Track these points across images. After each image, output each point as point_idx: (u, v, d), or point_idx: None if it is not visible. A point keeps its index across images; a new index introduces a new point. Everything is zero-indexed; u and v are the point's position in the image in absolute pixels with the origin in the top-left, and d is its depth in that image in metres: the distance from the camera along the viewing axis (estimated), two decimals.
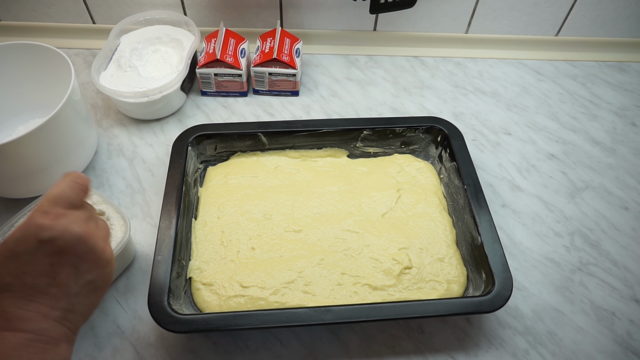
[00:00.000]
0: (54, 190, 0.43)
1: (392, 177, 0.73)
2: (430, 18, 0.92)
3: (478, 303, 0.56)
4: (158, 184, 0.74)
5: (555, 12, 0.91)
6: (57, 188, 0.43)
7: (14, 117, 0.76)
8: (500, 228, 0.70)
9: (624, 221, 0.73)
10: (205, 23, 0.93)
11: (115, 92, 0.76)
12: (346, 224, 0.67)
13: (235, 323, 0.54)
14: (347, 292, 0.60)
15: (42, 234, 0.40)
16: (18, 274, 0.39)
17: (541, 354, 0.60)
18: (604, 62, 0.96)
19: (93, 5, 0.91)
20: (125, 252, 0.62)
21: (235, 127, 0.73)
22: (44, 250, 0.40)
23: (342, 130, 0.74)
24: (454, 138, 0.72)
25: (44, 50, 0.70)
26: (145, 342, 0.59)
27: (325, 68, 0.93)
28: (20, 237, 0.40)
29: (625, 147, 0.82)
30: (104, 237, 0.45)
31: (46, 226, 0.40)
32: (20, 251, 0.39)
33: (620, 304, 0.64)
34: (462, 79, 0.92)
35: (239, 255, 0.63)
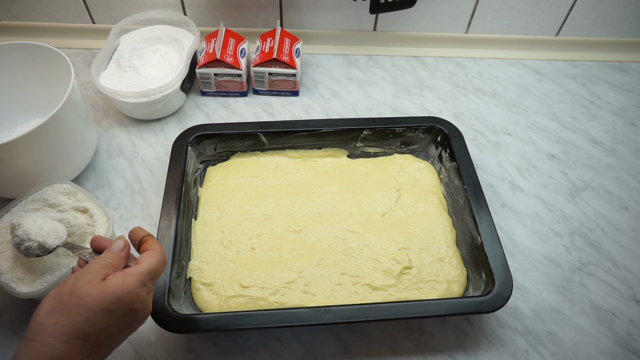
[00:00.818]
0: (152, 263, 0.46)
1: (392, 177, 0.73)
2: (430, 18, 0.92)
3: (478, 303, 0.56)
4: (158, 184, 0.74)
5: (555, 12, 0.91)
6: (154, 262, 0.47)
7: (14, 117, 0.76)
8: (500, 228, 0.70)
9: (624, 221, 0.73)
10: (205, 23, 0.93)
11: (115, 92, 0.76)
12: (346, 224, 0.67)
13: (235, 323, 0.54)
14: (347, 292, 0.60)
15: (136, 304, 0.44)
16: (100, 328, 0.42)
17: (541, 354, 0.60)
18: (604, 62, 0.96)
19: (93, 5, 0.91)
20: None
21: (235, 127, 0.73)
22: (128, 317, 0.44)
23: (342, 130, 0.74)
24: (454, 138, 0.72)
25: (44, 50, 0.70)
26: (145, 342, 0.59)
27: (325, 68, 0.93)
28: (119, 297, 0.43)
29: (625, 147, 0.82)
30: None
31: (142, 299, 0.45)
32: (114, 310, 0.42)
33: (620, 304, 0.64)
34: (462, 79, 0.92)
35: (239, 255, 0.63)
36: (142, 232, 0.50)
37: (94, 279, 0.43)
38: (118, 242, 0.49)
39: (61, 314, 0.41)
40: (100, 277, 0.44)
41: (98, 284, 0.43)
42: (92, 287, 0.42)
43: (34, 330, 0.41)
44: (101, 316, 0.42)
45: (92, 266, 0.45)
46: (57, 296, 0.42)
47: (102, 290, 0.42)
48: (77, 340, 0.41)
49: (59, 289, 0.43)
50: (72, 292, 0.42)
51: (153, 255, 0.47)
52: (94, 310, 0.41)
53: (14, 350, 0.58)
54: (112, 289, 0.43)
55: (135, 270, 0.45)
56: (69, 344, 0.40)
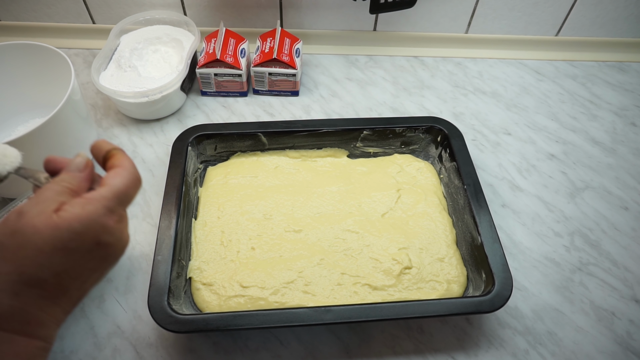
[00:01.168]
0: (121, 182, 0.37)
1: (392, 177, 0.73)
2: (430, 18, 0.92)
3: (478, 303, 0.56)
4: (158, 184, 0.74)
5: (555, 12, 0.91)
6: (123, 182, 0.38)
7: (14, 117, 0.76)
8: (500, 228, 0.70)
9: (624, 221, 0.73)
10: (205, 23, 0.93)
11: (115, 92, 0.76)
12: (346, 224, 0.67)
13: (235, 323, 0.54)
14: (347, 292, 0.60)
15: (103, 237, 0.35)
16: (58, 271, 0.34)
17: (541, 354, 0.60)
18: (604, 62, 0.96)
19: (93, 5, 0.91)
20: None
21: (235, 127, 0.73)
22: (96, 253, 0.35)
23: (342, 130, 0.74)
24: (454, 138, 0.72)
25: (44, 50, 0.70)
26: (145, 342, 0.59)
27: (325, 68, 0.93)
28: (78, 232, 0.34)
29: (625, 147, 0.82)
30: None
31: (110, 229, 0.36)
32: (73, 248, 0.34)
33: (620, 304, 0.64)
34: (462, 79, 0.92)
35: (239, 255, 0.63)
36: (107, 145, 0.41)
37: (44, 211, 0.34)
38: (77, 160, 0.39)
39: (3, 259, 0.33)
40: (52, 208, 0.34)
41: (49, 217, 0.33)
42: (41, 221, 0.33)
43: None
44: (57, 257, 0.33)
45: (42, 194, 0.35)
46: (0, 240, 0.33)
47: (54, 224, 0.33)
48: (29, 289, 0.33)
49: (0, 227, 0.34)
50: (14, 230, 0.33)
51: (121, 173, 0.38)
52: (45, 251, 0.33)
53: None
54: (67, 221, 0.33)
55: (98, 194, 0.36)
56: (18, 296, 0.32)
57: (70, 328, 0.60)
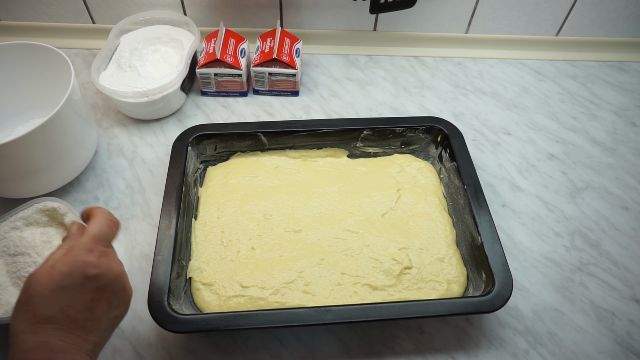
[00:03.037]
0: (94, 228, 0.46)
1: (392, 177, 0.73)
2: (430, 18, 0.92)
3: (478, 303, 0.56)
4: (158, 184, 0.74)
5: (555, 12, 0.91)
6: (96, 226, 0.46)
7: (13, 117, 0.76)
8: (500, 228, 0.70)
9: (624, 221, 0.73)
10: (205, 23, 0.93)
11: (115, 92, 0.76)
12: (346, 224, 0.67)
13: (235, 323, 0.54)
14: (347, 292, 0.60)
15: (89, 271, 0.43)
16: (62, 307, 0.41)
17: (541, 354, 0.60)
18: (604, 62, 0.96)
19: (93, 5, 0.91)
20: None
21: (235, 127, 0.73)
22: (88, 285, 0.43)
23: (342, 130, 0.74)
24: (454, 138, 0.72)
25: (44, 50, 0.70)
26: (145, 342, 0.59)
27: (325, 68, 0.93)
28: (67, 272, 0.42)
29: (625, 147, 0.82)
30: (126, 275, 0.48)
31: (92, 264, 0.43)
32: (67, 285, 0.42)
33: (620, 304, 0.64)
34: (462, 79, 0.92)
35: (239, 255, 0.63)
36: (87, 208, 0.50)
37: (42, 267, 0.43)
38: (72, 228, 0.48)
39: (23, 311, 0.41)
40: (48, 264, 0.43)
41: (45, 269, 0.42)
42: (39, 273, 0.42)
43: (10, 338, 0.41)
44: (56, 296, 0.41)
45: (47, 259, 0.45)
46: (18, 301, 0.43)
47: (48, 273, 0.42)
48: (45, 326, 0.41)
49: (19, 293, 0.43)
50: (26, 289, 0.42)
51: (94, 220, 0.47)
52: (46, 295, 0.41)
53: None
54: (57, 268, 0.42)
55: (77, 242, 0.45)
56: (38, 333, 0.40)
57: None
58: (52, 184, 0.69)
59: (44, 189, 0.67)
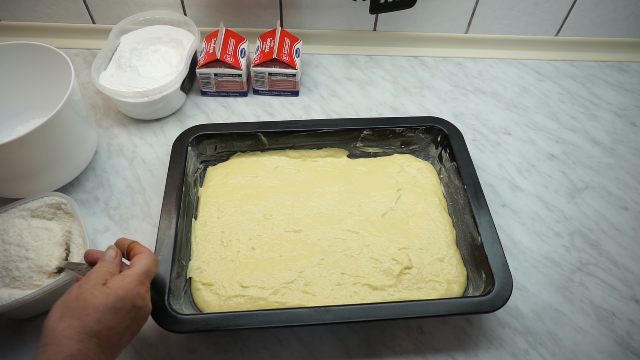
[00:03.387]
0: (145, 264, 0.51)
1: (392, 177, 0.73)
2: (430, 18, 0.92)
3: (478, 303, 0.56)
4: (158, 184, 0.74)
5: (555, 12, 0.91)
6: (147, 262, 0.51)
7: (13, 117, 0.76)
8: (500, 228, 0.70)
9: (624, 221, 0.73)
10: (205, 23, 0.93)
11: (115, 92, 0.76)
12: (346, 224, 0.67)
13: (235, 323, 0.54)
14: (347, 292, 0.60)
15: (138, 301, 0.48)
16: (109, 326, 0.45)
17: (541, 354, 0.60)
18: (604, 62, 0.96)
19: (93, 5, 0.91)
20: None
21: (235, 127, 0.73)
22: (132, 314, 0.47)
23: (342, 130, 0.74)
24: (454, 138, 0.72)
25: (44, 50, 0.70)
26: (145, 342, 0.59)
27: (325, 68, 0.93)
28: (122, 296, 0.46)
29: (625, 147, 0.82)
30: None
31: (142, 296, 0.49)
32: (118, 308, 0.46)
33: (620, 304, 0.64)
34: (462, 79, 0.92)
35: (239, 255, 0.63)
36: (127, 241, 0.54)
37: (96, 284, 0.47)
38: (109, 252, 0.53)
39: (72, 317, 0.44)
40: (101, 282, 0.47)
41: (101, 287, 0.47)
42: (96, 290, 0.46)
43: (48, 336, 0.43)
44: (108, 315, 0.45)
45: (91, 274, 0.49)
46: (65, 303, 0.45)
47: (106, 292, 0.46)
48: (90, 338, 0.44)
49: (66, 297, 0.46)
50: (78, 297, 0.45)
51: (144, 257, 0.51)
52: (101, 310, 0.45)
53: (14, 350, 0.58)
54: (114, 289, 0.46)
55: (131, 271, 0.49)
56: (83, 343, 0.43)
57: None
58: (52, 184, 0.69)
59: (44, 189, 0.67)
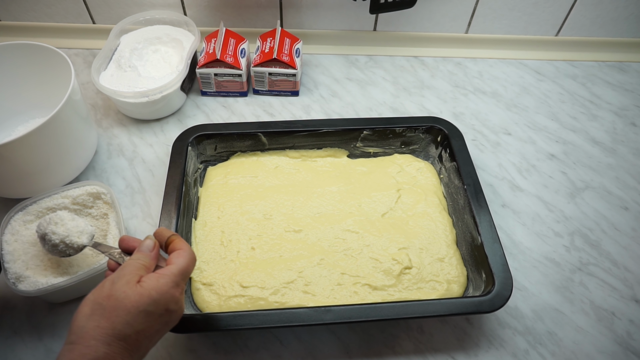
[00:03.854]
0: (183, 263, 0.47)
1: (392, 177, 0.73)
2: (430, 18, 0.92)
3: (478, 303, 0.56)
4: (158, 184, 0.74)
5: (555, 12, 0.91)
6: (185, 261, 0.47)
7: (14, 117, 0.76)
8: (500, 228, 0.70)
9: (624, 221, 0.73)
10: (205, 23, 0.93)
11: (115, 92, 0.76)
12: (346, 224, 0.67)
13: (235, 323, 0.54)
14: (347, 292, 0.60)
15: (172, 305, 0.45)
16: (139, 330, 0.43)
17: (541, 354, 0.60)
18: (604, 62, 0.96)
19: (93, 5, 0.91)
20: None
21: (235, 127, 0.73)
22: (164, 318, 0.45)
23: (342, 130, 0.74)
24: (454, 138, 0.72)
25: (44, 50, 0.70)
26: None
27: (325, 68, 0.93)
28: (156, 299, 0.44)
29: (625, 147, 0.82)
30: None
31: (177, 300, 0.46)
32: (151, 311, 0.43)
33: (620, 304, 0.64)
34: (462, 79, 0.92)
35: (239, 255, 0.63)
36: (168, 233, 0.51)
37: (130, 282, 0.44)
38: (147, 242, 0.49)
39: (101, 316, 0.42)
40: (135, 280, 0.45)
41: (134, 287, 0.44)
42: (129, 289, 0.43)
43: (75, 334, 0.42)
44: (139, 318, 0.43)
45: (126, 268, 0.46)
46: (96, 299, 0.43)
47: (139, 292, 0.43)
48: (118, 342, 0.42)
49: (97, 292, 0.44)
50: (110, 295, 0.43)
51: (183, 254, 0.48)
52: (132, 313, 0.42)
53: (14, 350, 0.58)
54: (148, 291, 0.44)
55: (168, 271, 0.46)
56: (110, 346, 0.41)
57: None
58: (52, 184, 0.69)
59: (44, 189, 0.67)
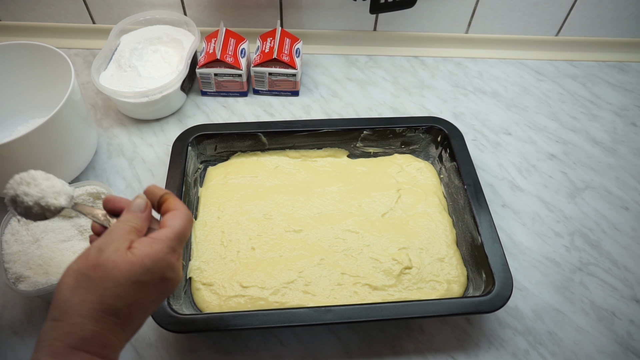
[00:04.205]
0: (180, 225, 0.42)
1: (392, 177, 0.73)
2: (430, 18, 0.92)
3: (478, 303, 0.56)
4: (158, 184, 0.73)
5: (555, 12, 0.91)
6: (182, 223, 0.42)
7: (14, 117, 0.76)
8: (500, 228, 0.70)
9: (624, 221, 0.73)
10: (205, 23, 0.93)
11: (115, 92, 0.76)
12: (346, 224, 0.67)
13: (235, 323, 0.54)
14: (347, 292, 0.60)
15: (167, 273, 0.40)
16: (131, 302, 0.38)
17: (541, 354, 0.60)
18: (604, 62, 0.96)
19: (93, 5, 0.91)
20: None
21: (235, 127, 0.73)
22: (160, 287, 0.40)
23: (342, 130, 0.74)
24: (454, 138, 0.72)
25: (44, 50, 0.70)
26: (145, 342, 0.59)
27: (325, 68, 0.93)
28: (149, 267, 0.39)
29: (625, 147, 0.82)
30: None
31: (173, 267, 0.41)
32: (145, 281, 0.38)
33: (621, 304, 0.64)
34: (462, 79, 0.92)
35: (239, 255, 0.63)
36: (160, 190, 0.45)
37: (119, 248, 0.39)
38: (138, 202, 0.43)
39: (88, 289, 0.37)
40: (125, 246, 0.39)
41: (124, 254, 0.38)
42: (119, 257, 0.38)
43: (59, 309, 0.37)
44: (131, 289, 0.38)
45: (114, 232, 0.40)
46: (81, 270, 0.38)
47: (130, 261, 0.38)
48: (108, 317, 0.37)
49: (82, 261, 0.38)
50: (96, 264, 0.38)
51: (179, 216, 0.42)
52: (123, 284, 0.37)
53: (14, 350, 0.58)
54: (141, 258, 0.38)
55: (163, 235, 0.41)
56: (99, 323, 0.37)
57: None
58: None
59: None
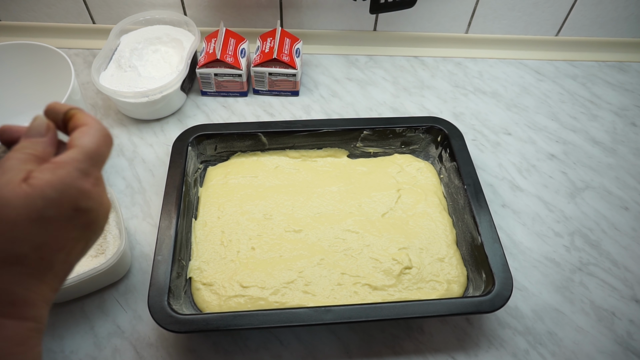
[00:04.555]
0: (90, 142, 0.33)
1: (392, 177, 0.73)
2: (430, 18, 0.92)
3: (478, 303, 0.56)
4: (158, 184, 0.74)
5: (555, 12, 0.91)
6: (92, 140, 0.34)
7: (14, 117, 0.76)
8: (500, 228, 0.70)
9: (624, 221, 0.73)
10: (205, 23, 0.93)
11: (115, 92, 0.76)
12: (346, 224, 0.67)
13: (235, 323, 0.54)
14: (347, 292, 0.60)
15: (81, 202, 0.32)
16: (39, 244, 0.30)
17: (541, 354, 0.60)
18: (604, 62, 0.96)
19: (93, 5, 0.91)
20: (119, 266, 0.61)
21: (235, 127, 0.73)
22: (77, 220, 0.32)
23: (342, 130, 0.74)
24: (454, 138, 0.72)
25: (44, 50, 0.70)
26: (145, 342, 0.59)
27: (325, 68, 0.93)
28: (54, 199, 0.30)
29: (626, 147, 0.82)
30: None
31: (87, 192, 0.32)
32: (50, 217, 0.30)
33: (621, 304, 0.64)
34: (462, 79, 0.92)
35: (239, 255, 0.63)
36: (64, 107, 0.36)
37: (11, 181, 0.30)
38: (36, 123, 0.34)
39: None
40: (19, 177, 0.30)
41: (18, 186, 0.30)
42: (10, 191, 0.29)
43: None
44: (34, 229, 0.30)
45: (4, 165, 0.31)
46: None
47: (25, 193, 0.29)
48: (9, 267, 0.29)
49: None
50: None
51: (88, 131, 0.34)
52: (20, 224, 0.29)
53: None
54: (40, 189, 0.30)
55: (67, 157, 0.32)
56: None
57: (70, 328, 0.60)
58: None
59: None
